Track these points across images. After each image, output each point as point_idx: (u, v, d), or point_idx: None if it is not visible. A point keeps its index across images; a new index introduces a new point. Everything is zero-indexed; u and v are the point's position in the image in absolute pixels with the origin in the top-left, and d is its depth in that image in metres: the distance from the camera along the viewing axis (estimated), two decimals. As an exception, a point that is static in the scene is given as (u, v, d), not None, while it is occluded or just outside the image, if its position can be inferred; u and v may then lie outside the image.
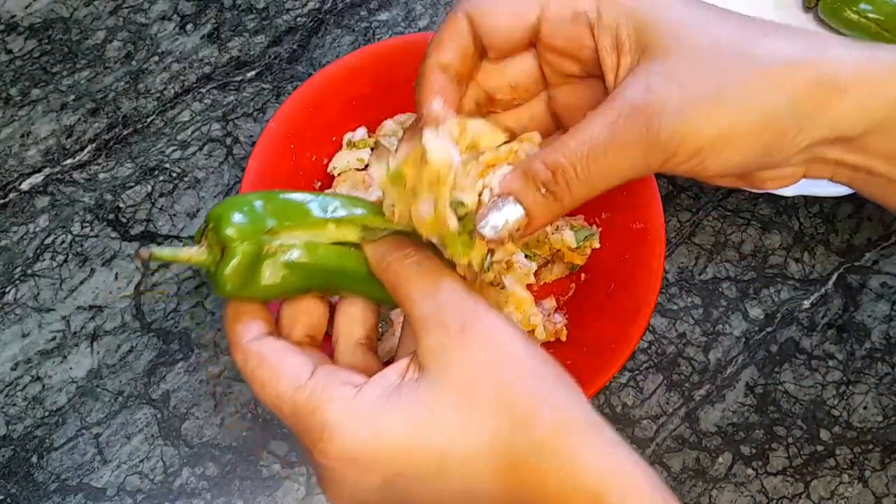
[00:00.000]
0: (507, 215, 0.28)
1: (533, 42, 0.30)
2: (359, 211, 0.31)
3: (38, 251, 0.50)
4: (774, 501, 0.46)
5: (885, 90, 0.26)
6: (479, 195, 0.28)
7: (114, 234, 0.51)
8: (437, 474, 0.27)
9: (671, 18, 0.27)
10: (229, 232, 0.28)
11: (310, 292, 0.31)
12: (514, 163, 0.29)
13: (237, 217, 0.29)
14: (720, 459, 0.47)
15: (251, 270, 0.29)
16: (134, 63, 0.55)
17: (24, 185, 0.52)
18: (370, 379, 0.28)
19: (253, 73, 0.55)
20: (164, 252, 0.29)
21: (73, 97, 0.54)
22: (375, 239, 0.30)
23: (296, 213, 0.30)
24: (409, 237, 0.30)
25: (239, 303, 0.31)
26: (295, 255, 0.30)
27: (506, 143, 0.29)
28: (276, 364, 0.29)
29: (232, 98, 0.54)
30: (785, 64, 0.26)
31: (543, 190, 0.27)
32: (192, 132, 0.53)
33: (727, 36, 0.27)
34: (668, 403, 0.48)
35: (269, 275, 0.29)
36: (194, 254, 0.29)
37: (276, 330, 0.31)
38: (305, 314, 0.32)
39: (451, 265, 0.30)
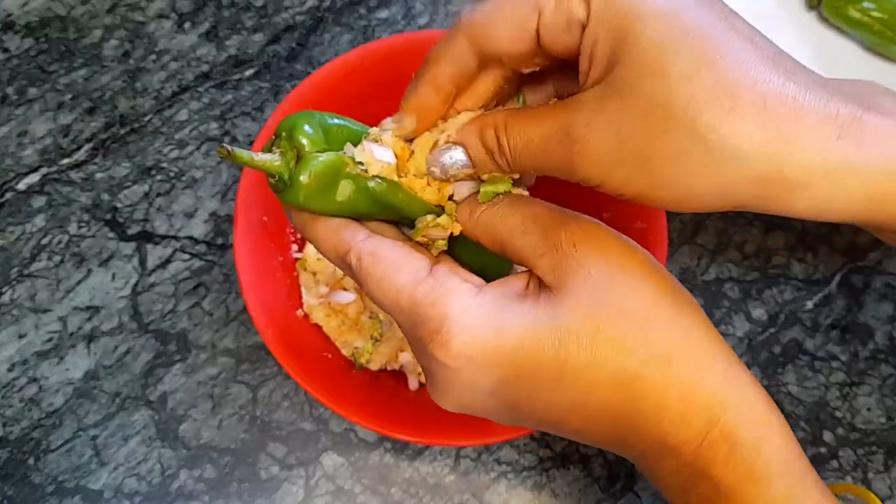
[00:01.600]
0: (455, 159, 0.30)
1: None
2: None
3: (35, 251, 0.50)
4: None
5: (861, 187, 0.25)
6: (435, 143, 0.31)
7: (111, 235, 0.50)
8: (555, 380, 0.27)
9: (646, 51, 0.25)
10: (303, 140, 0.29)
11: (378, 217, 0.32)
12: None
13: (308, 127, 0.30)
14: (723, 461, 0.46)
15: (328, 181, 0.30)
16: (131, 62, 0.54)
17: (21, 185, 0.51)
18: (491, 282, 0.29)
19: (251, 71, 0.54)
20: (243, 154, 0.29)
21: (69, 96, 0.53)
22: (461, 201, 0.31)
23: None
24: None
25: (325, 217, 0.31)
26: (373, 183, 0.30)
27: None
28: (394, 259, 0.29)
29: (230, 97, 0.54)
30: (734, 156, 0.24)
31: (487, 152, 0.29)
32: (190, 131, 0.53)
33: (689, 95, 0.24)
34: (670, 405, 0.47)
35: (343, 191, 0.30)
36: (271, 159, 0.30)
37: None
38: (388, 226, 0.32)
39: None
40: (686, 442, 0.27)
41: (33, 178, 0.51)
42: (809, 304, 0.50)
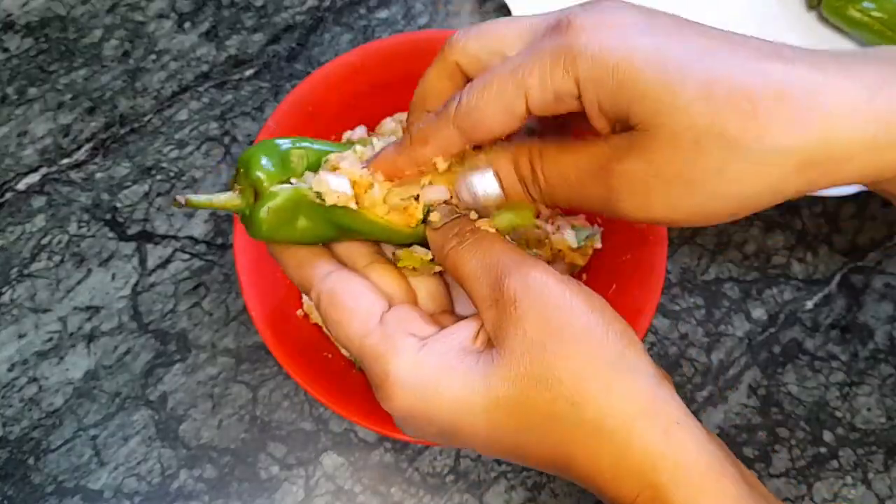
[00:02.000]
0: (487, 187, 0.30)
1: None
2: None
3: (35, 251, 0.50)
4: None
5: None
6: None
7: (111, 234, 0.50)
8: (488, 439, 0.28)
9: (652, 92, 0.25)
10: (259, 175, 0.30)
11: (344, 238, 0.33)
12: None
13: (265, 161, 0.30)
14: (722, 461, 0.46)
15: (289, 214, 0.30)
16: (131, 61, 0.54)
17: (21, 185, 0.51)
18: (438, 335, 0.29)
19: (251, 71, 0.54)
20: (200, 199, 0.30)
21: (69, 96, 0.53)
22: (437, 227, 0.31)
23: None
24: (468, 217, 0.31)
25: (294, 247, 0.32)
26: (331, 213, 0.31)
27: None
28: (348, 306, 0.30)
29: (230, 97, 0.54)
30: (775, 151, 0.24)
31: (521, 181, 0.30)
32: (190, 131, 0.53)
33: (709, 115, 0.24)
34: (669, 405, 0.47)
35: (304, 223, 0.31)
36: (228, 199, 0.31)
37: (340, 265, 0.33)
38: (360, 243, 0.33)
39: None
40: (620, 497, 0.27)
41: (33, 178, 0.51)
42: (809, 304, 0.50)
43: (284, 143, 0.31)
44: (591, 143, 0.28)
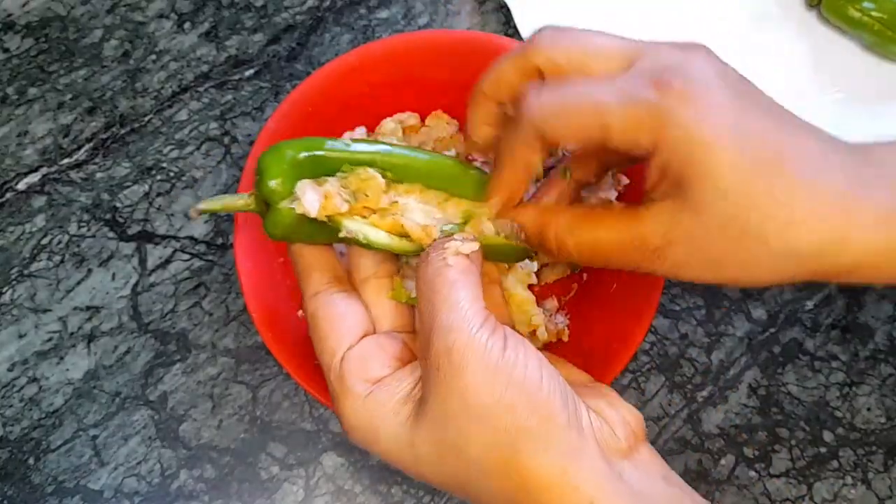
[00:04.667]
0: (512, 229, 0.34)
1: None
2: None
3: (35, 251, 0.50)
4: (777, 503, 0.46)
5: None
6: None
7: (111, 234, 0.50)
8: (428, 481, 0.30)
9: (718, 176, 0.27)
10: (272, 185, 0.30)
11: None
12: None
13: (277, 171, 0.30)
14: (723, 461, 0.46)
15: (297, 224, 0.31)
16: (131, 62, 0.54)
17: (21, 185, 0.51)
18: (385, 381, 0.31)
19: (251, 71, 0.54)
20: (214, 204, 0.31)
21: (70, 96, 0.53)
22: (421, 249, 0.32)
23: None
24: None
25: (301, 250, 0.34)
26: (343, 233, 0.32)
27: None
28: (321, 334, 0.32)
29: (230, 97, 0.54)
30: (793, 255, 0.28)
31: (544, 249, 0.33)
32: (190, 131, 0.53)
33: (757, 213, 0.27)
34: (670, 405, 0.47)
35: (313, 232, 0.32)
36: (244, 203, 0.32)
37: (343, 275, 0.35)
38: (368, 253, 0.34)
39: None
40: None
41: (33, 178, 0.51)
42: (809, 304, 0.50)
43: (299, 151, 0.31)
44: (627, 214, 0.30)
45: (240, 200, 0.32)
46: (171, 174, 0.52)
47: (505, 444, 0.27)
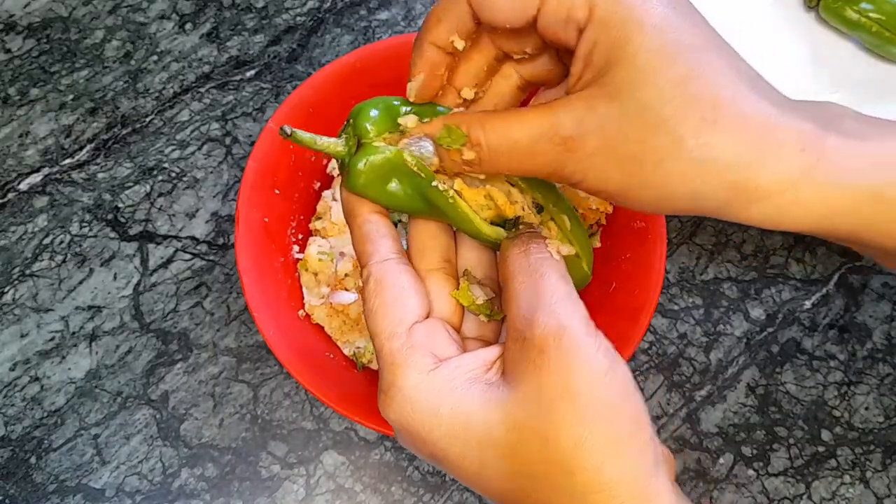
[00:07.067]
0: (423, 151, 0.30)
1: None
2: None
3: (37, 251, 0.50)
4: (776, 502, 0.46)
5: (821, 206, 0.26)
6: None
7: (112, 234, 0.50)
8: (476, 474, 0.28)
9: (643, 60, 0.26)
10: (367, 126, 0.30)
11: (431, 217, 0.32)
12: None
13: (374, 112, 0.30)
14: (721, 460, 0.47)
15: (386, 172, 0.30)
16: (133, 62, 0.55)
17: (23, 185, 0.51)
18: (455, 359, 0.29)
19: (252, 72, 0.55)
20: (305, 136, 0.30)
21: (71, 97, 0.54)
22: (511, 237, 0.31)
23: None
24: (545, 231, 0.31)
25: (371, 216, 0.32)
26: (429, 188, 0.30)
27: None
28: (388, 300, 0.30)
29: (231, 97, 0.54)
30: (711, 163, 0.26)
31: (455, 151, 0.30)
32: (191, 132, 0.53)
33: (678, 104, 0.26)
34: (668, 404, 0.48)
35: (396, 186, 0.31)
36: (332, 143, 0.31)
37: (404, 253, 0.32)
38: (436, 239, 0.33)
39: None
40: None
41: (35, 179, 0.52)
42: (808, 304, 0.50)
43: (399, 101, 0.31)
44: (543, 107, 0.28)
45: (328, 141, 0.31)
46: (173, 174, 0.52)
47: (595, 447, 0.26)
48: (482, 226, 0.32)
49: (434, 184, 0.30)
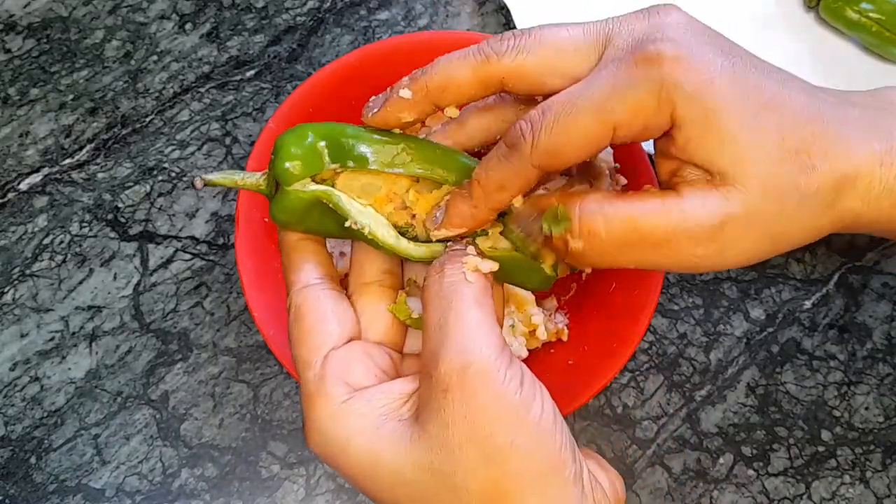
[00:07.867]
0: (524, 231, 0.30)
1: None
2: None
3: (37, 251, 0.50)
4: (776, 502, 0.46)
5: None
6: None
7: (112, 234, 0.50)
8: None
9: (742, 140, 0.26)
10: (288, 166, 0.29)
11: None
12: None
13: (295, 151, 0.29)
14: (721, 460, 0.47)
15: (305, 211, 0.30)
16: (133, 62, 0.55)
17: (23, 185, 0.51)
18: (369, 390, 0.28)
19: (252, 72, 0.55)
20: (218, 178, 0.30)
21: (71, 97, 0.54)
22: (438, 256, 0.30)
23: (358, 162, 0.30)
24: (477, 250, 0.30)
25: (297, 243, 0.31)
26: (348, 223, 0.30)
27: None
28: (305, 328, 0.29)
29: (231, 97, 0.54)
30: (820, 197, 0.27)
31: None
32: (191, 132, 0.53)
33: (789, 167, 0.26)
34: (668, 404, 0.48)
35: (320, 219, 0.30)
36: (254, 181, 0.31)
37: (335, 275, 0.32)
38: (374, 251, 0.32)
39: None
40: None
41: (35, 179, 0.52)
42: (807, 304, 0.50)
43: (317, 136, 0.30)
44: (665, 194, 0.27)
45: (250, 178, 0.30)
46: (173, 174, 0.52)
47: (510, 490, 0.25)
48: (408, 251, 0.30)
49: (347, 224, 0.30)
